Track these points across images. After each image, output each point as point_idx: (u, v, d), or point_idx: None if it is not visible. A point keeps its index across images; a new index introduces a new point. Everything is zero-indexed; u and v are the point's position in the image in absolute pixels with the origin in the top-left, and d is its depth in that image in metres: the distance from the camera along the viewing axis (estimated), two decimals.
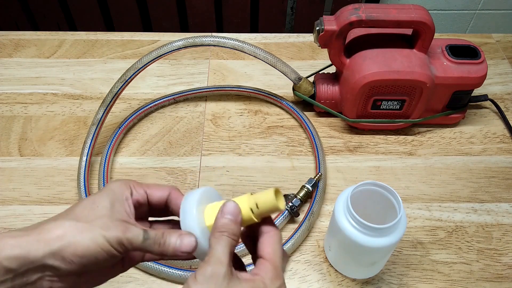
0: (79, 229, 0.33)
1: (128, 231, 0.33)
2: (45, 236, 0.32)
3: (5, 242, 0.31)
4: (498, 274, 0.56)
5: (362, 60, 0.64)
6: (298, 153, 0.68)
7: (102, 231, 0.33)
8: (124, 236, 0.33)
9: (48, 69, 0.78)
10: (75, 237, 0.32)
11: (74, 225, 0.33)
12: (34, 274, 0.32)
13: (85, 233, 0.32)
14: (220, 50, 0.82)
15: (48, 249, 0.31)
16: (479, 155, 0.68)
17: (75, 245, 0.32)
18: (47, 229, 0.32)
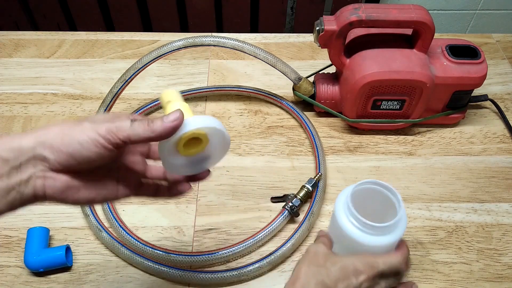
0: (69, 125, 0.34)
1: (116, 119, 0.35)
2: (37, 131, 0.34)
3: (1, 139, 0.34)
4: (498, 274, 0.56)
5: (362, 60, 0.64)
6: (298, 153, 0.68)
7: (90, 123, 0.34)
8: (113, 124, 0.34)
9: (48, 69, 0.78)
10: (64, 130, 0.34)
11: (65, 123, 0.35)
12: (27, 168, 0.34)
13: (75, 127, 0.34)
14: (220, 50, 0.82)
15: (38, 139, 0.34)
16: (479, 155, 0.68)
17: (63, 136, 0.34)
18: (40, 128, 0.35)
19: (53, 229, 0.58)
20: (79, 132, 0.34)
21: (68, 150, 0.34)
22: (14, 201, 0.34)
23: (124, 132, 0.34)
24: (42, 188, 0.35)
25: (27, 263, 0.53)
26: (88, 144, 0.34)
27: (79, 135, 0.34)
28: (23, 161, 0.33)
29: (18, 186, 0.34)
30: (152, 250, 0.55)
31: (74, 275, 0.55)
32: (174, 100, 0.39)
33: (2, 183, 0.33)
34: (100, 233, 0.57)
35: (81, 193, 0.37)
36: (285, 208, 0.59)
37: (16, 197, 0.34)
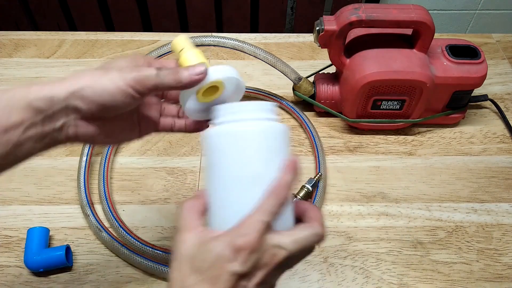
0: (97, 74, 0.36)
1: (142, 70, 0.36)
2: (67, 81, 0.35)
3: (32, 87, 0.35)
4: (498, 274, 0.56)
5: (362, 60, 0.64)
6: (298, 153, 0.68)
7: (118, 73, 0.35)
8: (140, 73, 0.36)
9: (48, 69, 0.78)
10: (94, 79, 0.35)
11: (93, 71, 0.36)
12: (59, 117, 0.36)
13: (104, 76, 0.35)
14: (220, 50, 0.82)
15: (69, 89, 0.35)
16: (479, 155, 0.68)
17: (93, 85, 0.35)
18: (70, 77, 0.36)
19: (53, 229, 0.58)
20: (109, 81, 0.35)
21: (99, 100, 0.35)
22: (48, 144, 0.37)
23: (151, 81, 0.36)
24: (75, 134, 0.37)
25: (27, 263, 0.53)
26: (118, 94, 0.35)
27: (109, 85, 0.35)
28: (55, 111, 0.35)
29: (51, 133, 0.36)
30: (152, 250, 0.55)
31: (74, 275, 0.55)
32: (187, 47, 0.41)
33: (36, 130, 0.35)
34: (100, 233, 0.57)
35: (109, 136, 0.40)
36: None
37: (50, 141, 0.36)
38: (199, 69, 0.37)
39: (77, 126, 0.37)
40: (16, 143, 0.34)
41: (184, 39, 0.41)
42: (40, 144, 0.36)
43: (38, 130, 0.35)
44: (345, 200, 0.63)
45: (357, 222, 0.60)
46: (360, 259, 0.57)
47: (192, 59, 0.40)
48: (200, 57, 0.40)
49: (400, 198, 0.63)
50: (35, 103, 0.34)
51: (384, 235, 0.59)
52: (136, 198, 0.62)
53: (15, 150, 0.35)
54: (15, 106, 0.34)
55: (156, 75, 0.36)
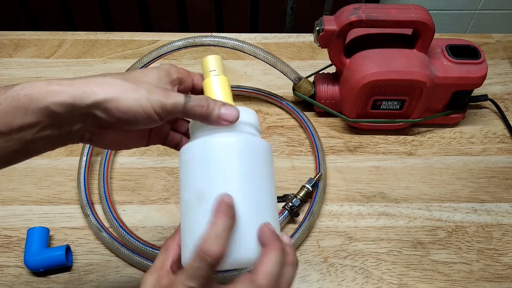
0: (125, 87, 0.34)
1: (170, 96, 0.35)
2: (93, 87, 0.33)
3: (51, 87, 0.33)
4: (498, 274, 0.56)
5: (362, 60, 0.64)
6: (298, 153, 0.68)
7: (146, 93, 0.34)
8: (167, 100, 0.34)
9: (48, 69, 0.78)
10: (120, 93, 0.34)
11: (121, 83, 0.34)
12: (78, 123, 0.35)
13: (131, 92, 0.34)
14: (220, 50, 0.82)
15: (94, 98, 0.33)
16: (479, 155, 0.68)
17: (119, 100, 0.33)
18: (95, 82, 0.34)
19: (53, 229, 0.58)
20: (135, 101, 0.34)
21: (122, 117, 0.34)
22: (61, 143, 0.36)
23: (178, 110, 0.35)
24: (89, 139, 0.37)
25: (27, 263, 0.53)
26: (142, 116, 0.34)
27: (135, 105, 0.34)
28: (74, 116, 0.34)
29: (67, 135, 0.35)
30: (152, 250, 0.55)
31: (74, 275, 0.55)
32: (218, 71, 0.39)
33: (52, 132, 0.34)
34: (100, 233, 0.57)
35: (121, 144, 0.40)
36: (285, 208, 0.59)
37: (63, 141, 0.36)
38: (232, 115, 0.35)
39: (93, 132, 0.36)
40: (29, 142, 0.33)
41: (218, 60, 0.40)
42: (53, 143, 0.35)
43: (54, 131, 0.34)
44: (345, 200, 0.63)
45: (357, 222, 0.60)
46: (360, 259, 0.57)
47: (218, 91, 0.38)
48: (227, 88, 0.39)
49: (400, 198, 0.63)
50: (53, 107, 0.32)
51: (384, 235, 0.59)
52: (136, 198, 0.62)
53: (27, 147, 0.34)
54: (32, 107, 0.32)
55: (184, 104, 0.35)
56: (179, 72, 0.39)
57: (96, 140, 0.37)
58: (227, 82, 0.39)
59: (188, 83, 0.39)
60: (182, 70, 0.39)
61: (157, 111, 0.34)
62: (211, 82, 0.39)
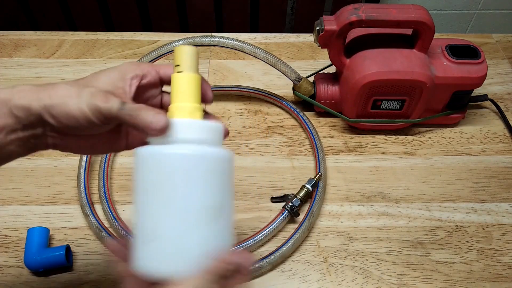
0: (70, 93, 0.35)
1: (108, 100, 0.35)
2: (44, 93, 0.35)
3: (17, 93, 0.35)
4: (498, 274, 0.56)
5: (362, 60, 0.64)
6: (298, 153, 0.68)
7: (88, 98, 0.35)
8: (103, 105, 0.35)
9: (48, 69, 0.78)
10: (64, 99, 0.35)
11: (68, 88, 0.35)
12: (38, 127, 0.36)
13: (74, 97, 0.35)
14: (220, 50, 0.82)
15: (42, 104, 0.34)
16: (479, 155, 0.68)
17: (62, 106, 0.34)
18: (49, 88, 0.35)
19: (53, 229, 0.58)
20: (75, 105, 0.34)
21: (66, 122, 0.35)
22: (31, 149, 0.37)
23: (112, 114, 0.35)
24: (53, 144, 0.37)
25: (27, 263, 0.53)
26: (82, 119, 0.35)
27: (75, 109, 0.34)
28: (33, 121, 0.35)
29: (33, 139, 0.36)
30: None
31: (74, 275, 0.55)
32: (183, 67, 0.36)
33: (17, 136, 0.35)
34: (100, 233, 0.57)
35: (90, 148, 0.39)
36: (285, 208, 0.59)
37: (32, 146, 0.37)
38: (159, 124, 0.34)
39: (54, 138, 0.37)
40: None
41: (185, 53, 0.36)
42: (23, 148, 0.36)
43: (19, 135, 0.35)
44: (345, 200, 0.63)
45: (357, 222, 0.60)
46: (360, 259, 0.57)
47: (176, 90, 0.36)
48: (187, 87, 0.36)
49: (400, 198, 0.63)
50: (15, 111, 0.34)
51: (384, 235, 0.59)
52: None
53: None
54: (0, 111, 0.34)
55: (117, 111, 0.34)
56: (138, 68, 0.38)
57: (62, 146, 0.38)
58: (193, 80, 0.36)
59: (152, 76, 0.38)
60: (143, 65, 0.38)
61: (94, 115, 0.35)
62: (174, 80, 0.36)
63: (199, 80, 0.37)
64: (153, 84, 0.39)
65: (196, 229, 0.33)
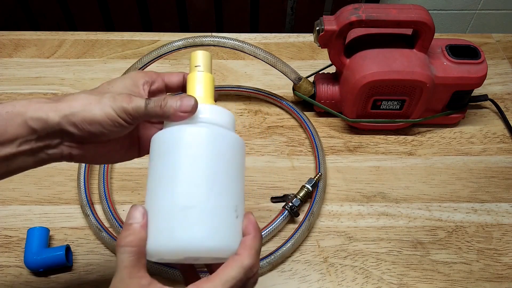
0: (90, 100, 0.36)
1: (132, 100, 0.36)
2: (62, 104, 0.36)
3: (30, 105, 0.35)
4: (498, 274, 0.56)
5: (362, 60, 0.64)
6: (298, 153, 0.68)
7: (110, 101, 0.36)
8: (129, 105, 0.36)
9: (48, 69, 0.78)
10: (85, 106, 0.36)
11: (87, 97, 0.36)
12: (54, 138, 0.36)
13: (95, 103, 0.36)
14: (220, 50, 0.82)
15: (62, 114, 0.35)
16: (479, 155, 0.68)
17: (84, 113, 0.35)
18: (65, 99, 0.36)
19: (53, 229, 0.58)
20: (99, 110, 0.35)
21: (89, 128, 0.36)
22: (42, 160, 0.37)
23: (139, 113, 0.36)
24: (69, 154, 0.38)
25: (27, 263, 0.53)
26: (107, 124, 0.36)
27: (99, 114, 0.35)
28: (50, 132, 0.36)
29: (46, 150, 0.37)
30: None
31: (74, 275, 0.55)
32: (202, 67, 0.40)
33: (30, 146, 0.36)
34: (100, 233, 0.57)
35: (105, 157, 0.40)
36: (285, 208, 0.59)
37: (44, 157, 0.37)
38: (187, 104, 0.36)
39: (71, 147, 0.37)
40: (8, 156, 0.35)
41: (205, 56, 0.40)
42: (33, 159, 0.37)
43: (32, 145, 0.36)
44: (345, 200, 0.63)
45: (357, 222, 0.60)
46: (360, 259, 0.57)
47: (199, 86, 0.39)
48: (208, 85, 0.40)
49: (400, 198, 0.63)
50: (30, 123, 0.35)
51: (384, 235, 0.59)
52: (136, 198, 0.62)
53: (7, 163, 0.36)
54: (12, 122, 0.35)
55: (145, 106, 0.36)
56: (147, 76, 0.40)
57: (78, 155, 0.38)
58: (210, 79, 0.40)
59: (159, 83, 0.41)
60: (150, 73, 0.41)
61: (121, 116, 0.36)
62: (193, 77, 0.40)
63: (214, 80, 0.41)
64: (160, 90, 0.41)
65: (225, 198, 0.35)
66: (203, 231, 0.33)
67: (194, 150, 0.35)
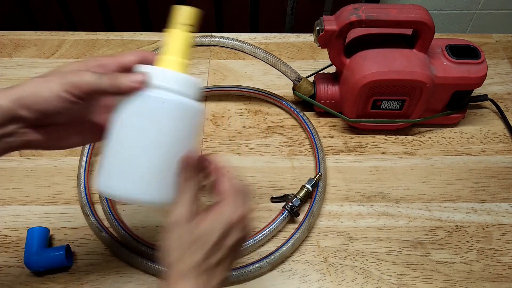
0: (40, 82, 0.36)
1: (82, 75, 0.37)
2: (12, 90, 0.36)
3: None
4: (498, 274, 0.56)
5: (362, 60, 0.64)
6: (298, 153, 0.68)
7: (58, 79, 0.36)
8: (76, 77, 0.36)
9: (48, 69, 0.77)
10: (35, 87, 0.36)
11: (36, 79, 0.37)
12: (9, 124, 0.36)
13: (45, 84, 0.36)
14: (220, 50, 0.82)
15: (13, 97, 0.36)
16: (479, 155, 0.68)
17: (35, 94, 0.36)
18: (16, 86, 0.37)
19: (53, 229, 0.58)
20: (46, 88, 0.36)
21: (39, 107, 0.36)
22: (3, 149, 0.38)
23: (88, 85, 0.37)
24: (26, 141, 0.38)
25: (27, 263, 0.53)
26: (55, 100, 0.36)
27: (46, 91, 0.36)
28: (4, 119, 0.36)
29: (4, 138, 0.37)
30: (152, 250, 0.55)
31: (74, 275, 0.55)
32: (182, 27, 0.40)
33: None
34: (100, 233, 0.57)
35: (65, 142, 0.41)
36: (285, 208, 0.59)
37: (4, 146, 0.37)
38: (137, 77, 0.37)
39: (27, 133, 0.37)
40: None
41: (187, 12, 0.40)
42: None
43: None
44: (345, 200, 0.63)
45: (357, 222, 0.60)
46: (360, 259, 0.57)
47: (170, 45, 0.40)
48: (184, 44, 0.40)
49: (400, 198, 0.63)
50: None
51: (384, 235, 0.59)
52: None
53: None
54: None
55: (96, 79, 0.36)
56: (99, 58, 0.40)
57: (35, 142, 0.38)
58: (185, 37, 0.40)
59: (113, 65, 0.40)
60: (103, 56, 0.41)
61: (68, 90, 0.36)
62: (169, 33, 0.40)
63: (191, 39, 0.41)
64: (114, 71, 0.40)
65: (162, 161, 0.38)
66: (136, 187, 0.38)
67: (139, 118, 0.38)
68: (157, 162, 0.38)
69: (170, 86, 0.38)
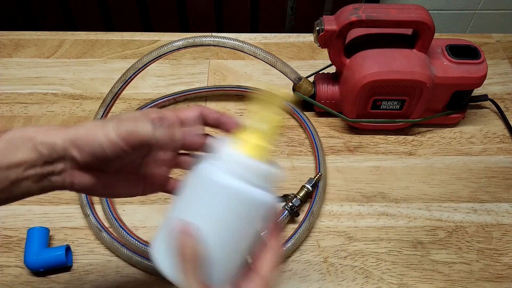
0: (96, 125, 0.36)
1: (138, 124, 0.36)
2: (68, 129, 0.36)
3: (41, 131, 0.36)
4: (498, 274, 0.56)
5: (362, 60, 0.64)
6: (298, 153, 0.68)
7: (115, 125, 0.35)
8: (134, 128, 0.35)
9: (48, 69, 0.78)
10: (89, 130, 0.35)
11: (93, 122, 0.36)
12: (59, 163, 0.36)
13: (99, 127, 0.35)
14: (220, 50, 0.82)
15: (67, 137, 0.35)
16: (479, 155, 0.68)
17: (87, 136, 0.35)
18: (73, 126, 0.36)
19: (53, 229, 0.58)
20: (101, 132, 0.35)
21: (90, 151, 0.35)
22: (46, 188, 0.37)
23: (143, 135, 0.35)
24: (71, 182, 0.37)
25: (27, 263, 0.53)
26: (107, 145, 0.35)
27: (101, 135, 0.35)
28: (55, 158, 0.36)
29: (50, 176, 0.36)
30: None
31: (74, 275, 0.55)
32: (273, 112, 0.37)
33: (35, 171, 0.36)
34: (100, 233, 0.57)
35: (107, 189, 0.39)
36: (285, 208, 0.59)
37: (48, 185, 0.37)
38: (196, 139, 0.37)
39: (74, 175, 0.37)
40: (14, 181, 0.35)
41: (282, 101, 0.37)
42: (37, 185, 0.36)
43: (37, 171, 0.36)
44: (345, 200, 0.63)
45: (357, 222, 0.60)
46: (360, 259, 0.57)
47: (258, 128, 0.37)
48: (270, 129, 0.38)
49: (400, 198, 0.63)
50: (39, 147, 0.35)
51: (384, 235, 0.59)
52: (136, 198, 0.61)
53: (12, 188, 0.36)
54: (22, 146, 0.35)
55: (151, 130, 0.35)
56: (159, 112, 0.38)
57: (80, 185, 0.37)
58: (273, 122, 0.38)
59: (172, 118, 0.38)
60: (165, 111, 0.38)
61: (123, 137, 0.35)
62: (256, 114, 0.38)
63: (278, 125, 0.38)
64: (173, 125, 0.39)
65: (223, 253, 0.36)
66: None
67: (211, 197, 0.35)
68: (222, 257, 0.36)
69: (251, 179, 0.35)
